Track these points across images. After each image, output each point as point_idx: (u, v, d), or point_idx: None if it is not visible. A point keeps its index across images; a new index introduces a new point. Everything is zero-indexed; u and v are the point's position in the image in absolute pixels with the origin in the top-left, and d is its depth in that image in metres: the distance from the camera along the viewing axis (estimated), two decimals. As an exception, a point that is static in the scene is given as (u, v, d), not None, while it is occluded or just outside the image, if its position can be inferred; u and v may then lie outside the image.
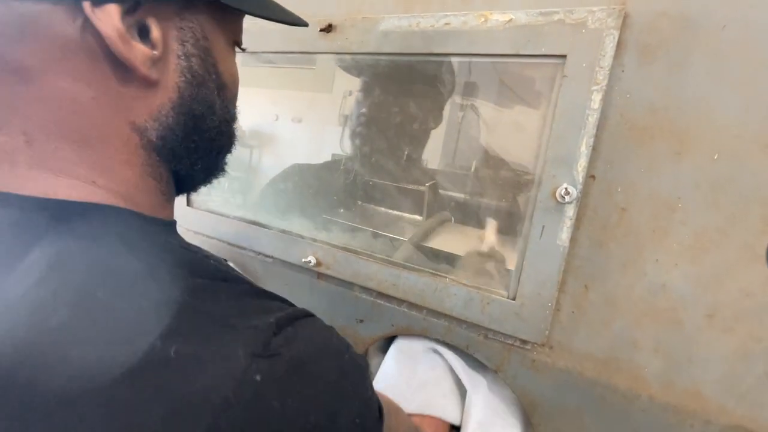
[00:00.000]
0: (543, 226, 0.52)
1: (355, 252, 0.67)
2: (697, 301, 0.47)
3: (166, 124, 0.33)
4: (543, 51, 0.48)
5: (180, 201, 0.88)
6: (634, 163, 0.48)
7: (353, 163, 0.71)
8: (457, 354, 0.65)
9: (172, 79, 0.33)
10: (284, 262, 0.76)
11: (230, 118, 0.41)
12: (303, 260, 0.71)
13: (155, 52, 0.30)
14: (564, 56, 0.47)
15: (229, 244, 0.82)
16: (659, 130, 0.46)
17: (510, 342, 0.57)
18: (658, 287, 0.48)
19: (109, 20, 0.27)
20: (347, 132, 0.73)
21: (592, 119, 0.47)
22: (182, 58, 0.32)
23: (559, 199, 0.50)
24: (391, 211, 0.72)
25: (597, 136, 0.48)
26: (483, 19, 0.51)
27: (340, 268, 0.68)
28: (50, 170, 0.29)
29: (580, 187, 0.49)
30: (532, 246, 0.53)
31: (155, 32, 0.30)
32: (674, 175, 0.46)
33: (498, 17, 0.50)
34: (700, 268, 0.46)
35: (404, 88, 0.66)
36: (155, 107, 0.32)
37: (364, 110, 0.68)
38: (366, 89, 0.70)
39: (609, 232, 0.50)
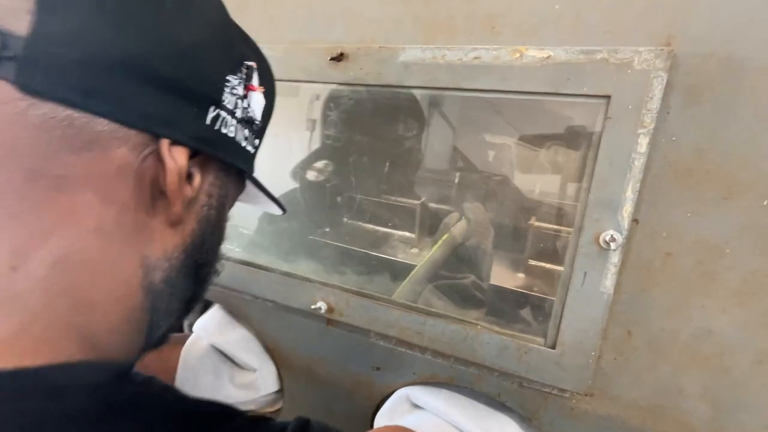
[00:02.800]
0: (585, 273, 0.49)
1: (372, 297, 0.62)
2: (746, 347, 0.46)
3: (175, 267, 0.33)
4: (585, 90, 0.45)
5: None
6: (679, 207, 0.46)
7: (356, 201, 0.66)
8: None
9: (191, 224, 0.34)
10: (288, 307, 0.69)
11: (216, 273, 0.41)
12: (312, 307, 0.64)
13: (193, 195, 0.32)
14: (608, 97, 0.45)
15: (219, 286, 0.74)
16: (705, 174, 0.45)
17: (547, 390, 0.54)
18: (705, 333, 0.47)
19: (179, 158, 0.29)
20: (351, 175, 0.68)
21: (639, 163, 0.45)
22: (206, 207, 0.35)
23: (603, 245, 0.47)
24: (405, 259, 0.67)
25: (642, 180, 0.46)
26: (518, 55, 0.47)
27: (356, 315, 0.63)
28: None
29: (625, 233, 0.47)
30: (573, 293, 0.50)
31: (197, 179, 0.32)
32: (721, 219, 0.45)
33: (534, 53, 0.47)
34: (748, 313, 0.45)
35: (395, 116, 0.62)
36: (170, 246, 0.32)
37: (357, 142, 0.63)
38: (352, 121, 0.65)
39: (653, 277, 0.48)
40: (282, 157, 0.80)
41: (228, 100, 0.32)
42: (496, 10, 0.50)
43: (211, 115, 0.31)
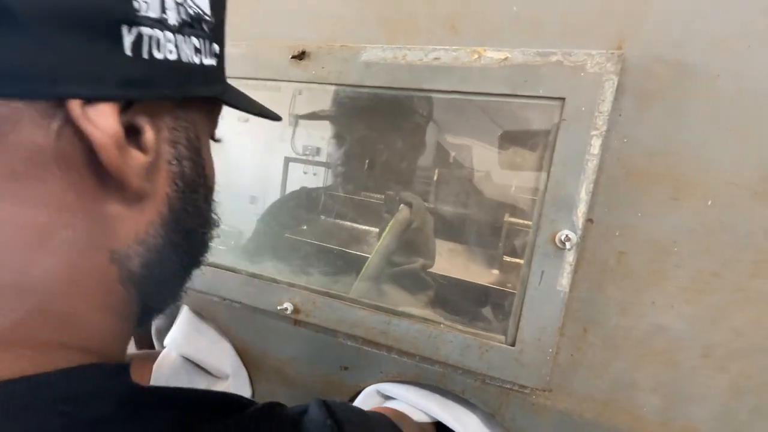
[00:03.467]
0: (542, 272, 0.50)
1: (338, 297, 0.62)
2: (693, 342, 0.47)
3: (154, 247, 0.26)
4: (541, 92, 0.46)
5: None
6: (631, 208, 0.47)
7: (333, 202, 0.65)
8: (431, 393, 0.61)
9: (162, 189, 0.26)
10: (256, 309, 0.68)
11: (216, 227, 0.34)
12: (278, 308, 0.64)
13: (149, 159, 0.24)
14: (562, 99, 0.45)
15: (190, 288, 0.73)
16: (655, 175, 0.46)
17: (508, 386, 0.55)
18: (656, 329, 0.48)
19: (104, 122, 0.21)
20: (330, 174, 0.68)
21: (592, 165, 0.46)
22: (174, 163, 0.27)
23: (558, 245, 0.48)
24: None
25: (595, 181, 0.47)
26: (476, 56, 0.48)
27: (322, 316, 0.63)
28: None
29: (580, 232, 0.48)
30: (531, 291, 0.51)
31: (148, 135, 0.24)
32: (671, 219, 0.46)
33: (492, 54, 0.47)
34: (695, 309, 0.47)
35: (385, 122, 0.62)
36: (142, 227, 0.26)
37: (344, 150, 0.63)
38: (344, 126, 0.65)
39: (608, 275, 0.49)
40: (263, 153, 0.78)
41: (146, 5, 0.21)
42: (456, 9, 0.50)
43: (128, 40, 0.21)
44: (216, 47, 0.29)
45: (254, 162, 0.76)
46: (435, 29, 0.51)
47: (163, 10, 0.22)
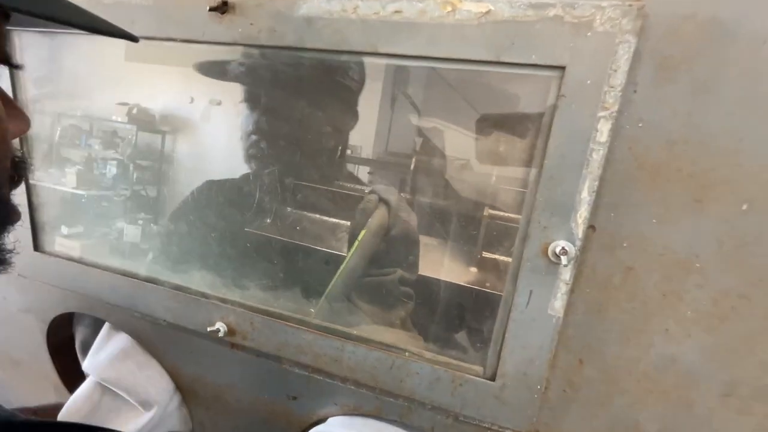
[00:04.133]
0: (531, 291, 0.39)
1: (280, 317, 0.50)
2: (712, 378, 0.38)
3: None
4: (534, 59, 0.35)
5: (25, 242, 0.63)
6: (643, 212, 0.37)
7: (261, 191, 0.53)
8: None
9: None
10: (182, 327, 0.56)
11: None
12: (209, 329, 0.52)
13: None
14: (562, 68, 0.34)
15: (104, 301, 0.60)
16: (676, 171, 0.35)
17: (486, 426, 0.46)
18: (667, 361, 0.39)
19: None
20: (243, 151, 0.54)
21: (598, 156, 0.35)
22: None
23: (552, 259, 0.38)
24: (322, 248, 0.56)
25: (600, 177, 0.36)
26: (449, 8, 0.36)
27: (262, 339, 0.51)
28: None
29: (579, 243, 0.37)
30: (516, 315, 0.40)
31: None
32: (693, 228, 0.36)
33: (470, 6, 0.35)
34: (716, 339, 0.37)
35: (302, 86, 0.49)
36: None
37: (256, 121, 0.50)
38: (256, 93, 0.52)
39: (610, 296, 0.39)
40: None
41: None
42: (424, -51, 0.38)
43: None
44: None
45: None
46: (397, -26, 0.39)
47: None
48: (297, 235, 0.52)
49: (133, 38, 0.33)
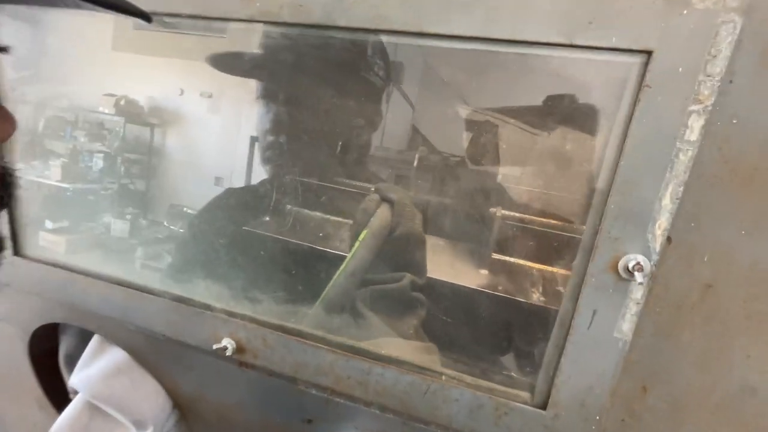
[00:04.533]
0: (594, 311, 0.34)
1: (298, 334, 0.45)
2: (798, 410, 0.34)
3: None
4: (614, 42, 0.29)
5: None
6: (730, 222, 0.32)
7: (286, 198, 0.47)
8: None
9: None
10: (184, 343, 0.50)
11: None
12: (215, 346, 0.46)
13: None
14: (648, 53, 0.29)
15: (94, 312, 0.53)
16: (773, 175, 0.31)
17: (532, 457, 0.41)
18: (747, 390, 0.34)
19: None
20: (260, 152, 0.49)
21: (685, 157, 0.30)
22: None
23: (623, 275, 0.33)
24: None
25: (685, 182, 0.31)
26: (513, -20, 0.30)
27: (275, 358, 0.45)
28: None
29: (656, 257, 0.32)
30: (576, 337, 0.35)
31: None
32: (788, 240, 0.31)
33: (540, -22, 0.30)
34: (807, 367, 0.33)
35: (329, 75, 0.44)
36: None
37: (274, 119, 0.45)
38: (274, 87, 0.46)
39: (684, 316, 0.35)
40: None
41: None
42: None
43: None
44: None
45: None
46: (446, -60, 0.33)
47: None
48: (319, 241, 0.46)
49: (145, 16, 0.27)
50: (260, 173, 0.50)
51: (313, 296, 0.46)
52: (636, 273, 0.32)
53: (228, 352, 0.46)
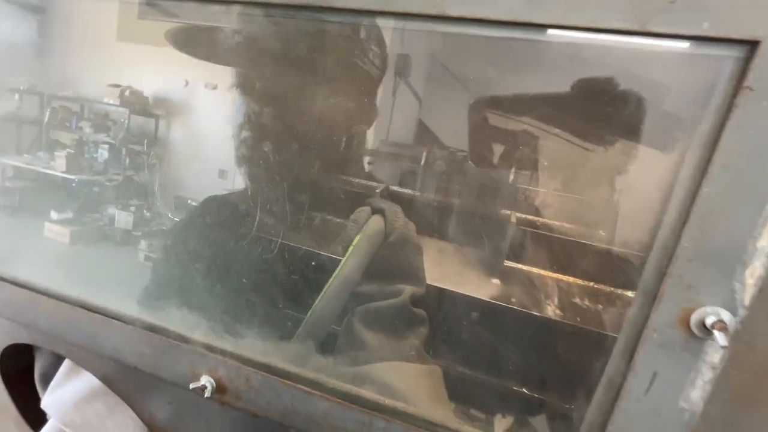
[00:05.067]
0: (654, 373, 0.27)
1: (287, 375, 0.38)
2: None
3: None
4: (705, 29, 0.22)
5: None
6: None
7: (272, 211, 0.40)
8: None
9: None
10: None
11: None
12: (192, 385, 0.39)
13: None
14: (754, 43, 0.21)
15: (60, 338, 0.47)
16: None
17: None
18: None
19: None
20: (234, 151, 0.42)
21: (796, 185, 0.22)
22: None
23: (696, 332, 0.26)
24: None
25: (790, 217, 0.23)
26: (569, -56, 0.23)
27: (261, 402, 0.39)
28: None
29: (744, 312, 0.25)
30: (628, 403, 0.28)
31: None
32: None
33: (605, -59, 0.22)
34: None
35: (316, 67, 0.38)
36: None
37: (249, 112, 0.38)
38: (251, 74, 0.40)
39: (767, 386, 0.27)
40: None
41: None
42: None
43: None
44: None
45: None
46: None
47: None
48: (310, 272, 0.39)
49: None
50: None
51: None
52: (716, 332, 0.24)
53: (207, 393, 0.39)
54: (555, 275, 0.31)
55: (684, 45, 0.23)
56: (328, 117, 0.42)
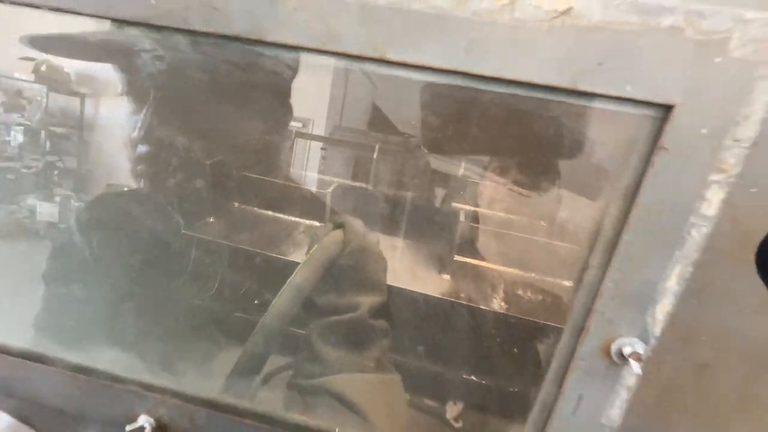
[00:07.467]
0: (580, 396, 0.30)
1: (234, 410, 0.37)
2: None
3: None
4: (628, 91, 0.23)
5: None
6: (736, 300, 0.28)
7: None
8: None
9: None
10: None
11: None
12: (128, 427, 0.37)
13: None
14: (669, 107, 0.23)
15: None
16: (786, 250, 0.26)
17: None
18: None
19: None
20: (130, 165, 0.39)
21: (699, 235, 0.25)
22: None
23: (615, 359, 0.28)
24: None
25: (695, 261, 0.26)
26: (505, 1, 0.23)
27: (207, 439, 0.37)
28: None
29: (653, 342, 0.28)
30: (558, 423, 0.31)
31: None
32: (793, 322, 0.28)
33: (540, 0, 0.22)
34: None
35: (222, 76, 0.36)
36: None
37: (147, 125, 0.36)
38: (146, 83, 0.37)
39: (675, 398, 0.31)
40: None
41: None
42: None
43: None
44: None
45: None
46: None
47: None
48: (249, 303, 0.38)
49: None
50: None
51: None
52: (632, 361, 0.27)
53: (146, 434, 0.37)
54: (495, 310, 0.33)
55: (611, 104, 0.24)
56: (238, 123, 0.40)
